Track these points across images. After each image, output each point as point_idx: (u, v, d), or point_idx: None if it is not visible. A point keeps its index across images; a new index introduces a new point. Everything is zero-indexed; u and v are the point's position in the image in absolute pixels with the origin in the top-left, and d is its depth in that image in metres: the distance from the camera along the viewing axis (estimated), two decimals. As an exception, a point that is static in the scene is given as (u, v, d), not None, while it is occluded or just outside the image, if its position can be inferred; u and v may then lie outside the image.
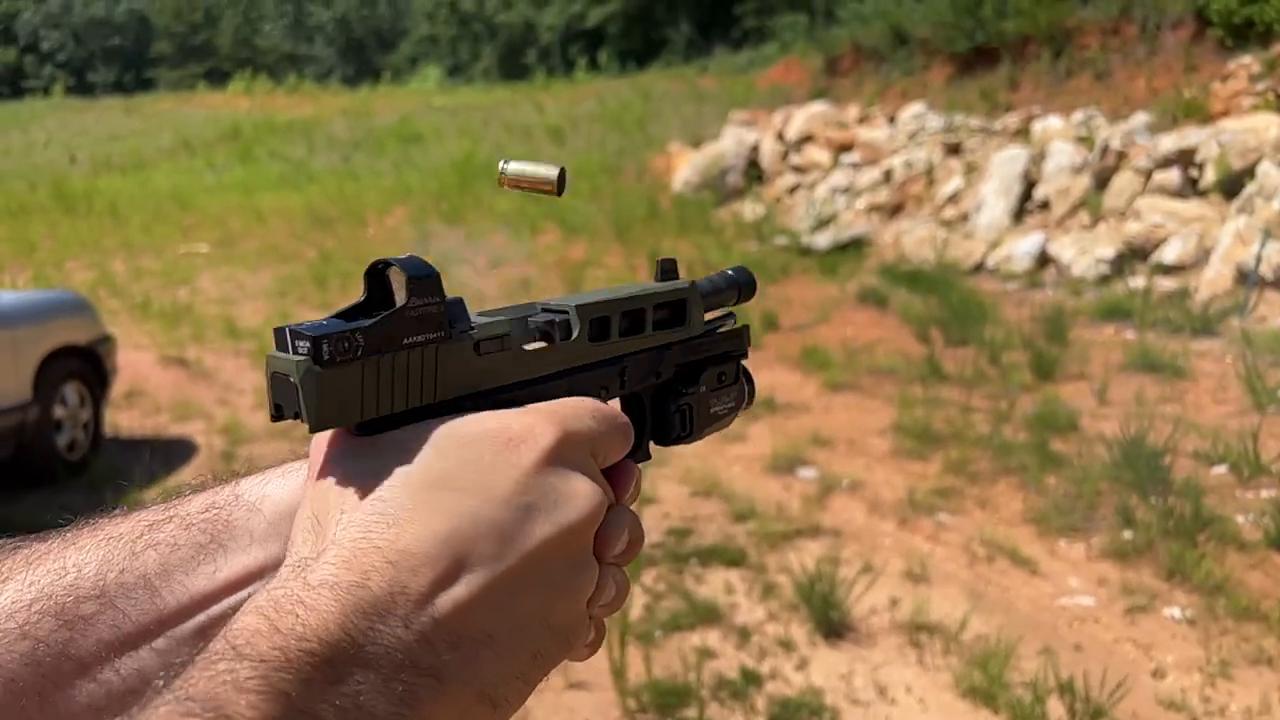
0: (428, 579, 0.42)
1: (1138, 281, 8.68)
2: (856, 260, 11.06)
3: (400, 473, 0.45)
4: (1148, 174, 9.92)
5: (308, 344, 0.44)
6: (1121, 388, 6.28)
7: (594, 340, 0.57)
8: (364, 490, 0.45)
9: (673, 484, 4.95)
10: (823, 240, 11.80)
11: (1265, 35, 11.78)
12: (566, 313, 0.56)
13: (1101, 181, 10.40)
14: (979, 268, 10.38)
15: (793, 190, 14.48)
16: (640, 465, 0.57)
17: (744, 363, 0.68)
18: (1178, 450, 4.93)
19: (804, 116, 15.28)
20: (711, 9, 29.71)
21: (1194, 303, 8.09)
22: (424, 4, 42.50)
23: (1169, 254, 8.88)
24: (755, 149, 15.38)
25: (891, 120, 14.75)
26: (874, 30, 18.22)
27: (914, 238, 11.36)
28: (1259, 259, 7.86)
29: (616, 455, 0.53)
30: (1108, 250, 9.36)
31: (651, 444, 0.64)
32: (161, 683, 0.38)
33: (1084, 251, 9.55)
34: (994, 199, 11.10)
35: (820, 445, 5.54)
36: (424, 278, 0.48)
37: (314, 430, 0.46)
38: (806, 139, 14.98)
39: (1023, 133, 12.56)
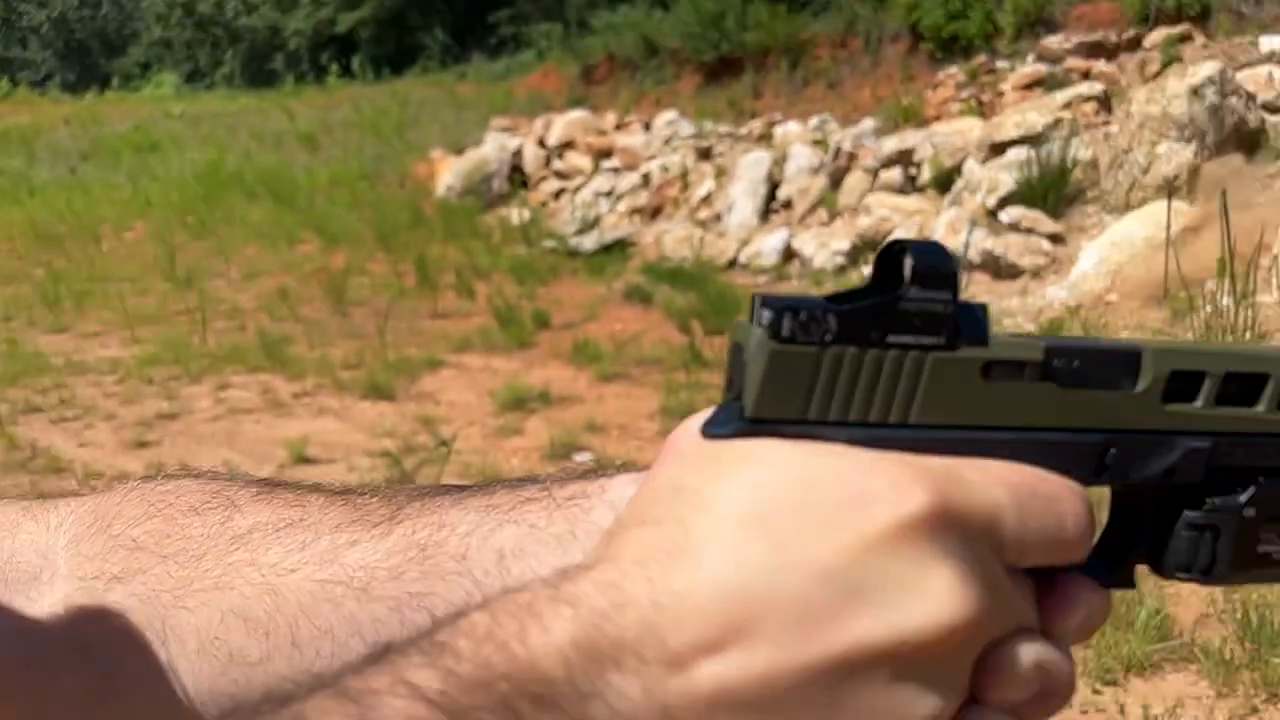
0: (691, 635, 0.33)
1: (870, 269, 9.55)
2: (621, 260, 11.48)
3: (713, 496, 0.35)
4: (875, 173, 10.95)
5: (770, 314, 0.37)
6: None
7: (1166, 400, 0.40)
8: (669, 505, 0.36)
9: (452, 478, 5.01)
10: (588, 242, 12.15)
11: (968, 48, 13.25)
12: (1138, 353, 0.40)
13: (836, 181, 11.36)
14: (732, 264, 11.05)
15: (557, 195, 14.78)
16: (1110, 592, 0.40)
17: None
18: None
19: (564, 123, 15.63)
20: (466, 16, 29.65)
21: (918, 287, 9.01)
22: (155, 6, 39.74)
23: (896, 244, 9.84)
24: (518, 155, 15.57)
25: (647, 127, 15.37)
26: (626, 40, 18.86)
27: (673, 238, 11.92)
28: (967, 245, 8.89)
29: (1046, 558, 0.37)
30: (844, 243, 10.25)
31: (1143, 569, 0.43)
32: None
33: (823, 245, 10.41)
34: (743, 200, 11.84)
35: (594, 432, 5.77)
36: (934, 266, 0.39)
37: (751, 416, 0.37)
38: (568, 145, 15.34)
39: (766, 137, 13.47)
